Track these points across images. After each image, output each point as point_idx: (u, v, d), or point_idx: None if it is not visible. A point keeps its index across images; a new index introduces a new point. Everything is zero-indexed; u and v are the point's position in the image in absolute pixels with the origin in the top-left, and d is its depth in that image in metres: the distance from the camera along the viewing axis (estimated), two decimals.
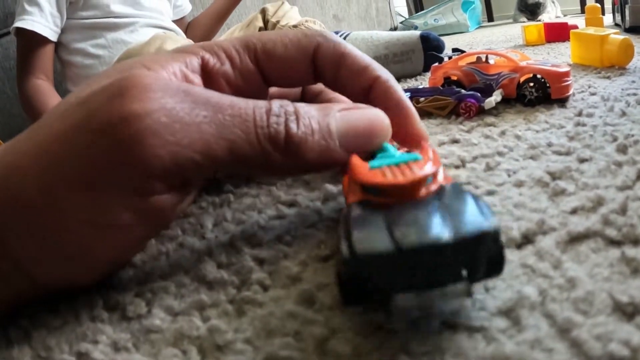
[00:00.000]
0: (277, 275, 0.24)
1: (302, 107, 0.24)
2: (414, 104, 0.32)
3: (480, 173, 0.35)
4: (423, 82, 0.77)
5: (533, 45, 1.22)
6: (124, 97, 0.21)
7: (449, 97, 0.50)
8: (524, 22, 2.61)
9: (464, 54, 0.59)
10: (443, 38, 2.22)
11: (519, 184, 0.32)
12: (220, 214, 0.33)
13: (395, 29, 2.71)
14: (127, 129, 0.20)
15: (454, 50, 0.65)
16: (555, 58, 0.93)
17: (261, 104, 0.23)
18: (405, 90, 0.53)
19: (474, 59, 0.58)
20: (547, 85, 0.51)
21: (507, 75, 0.53)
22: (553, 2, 2.77)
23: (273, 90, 0.33)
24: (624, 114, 0.45)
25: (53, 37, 1.12)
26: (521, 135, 0.41)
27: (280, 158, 0.23)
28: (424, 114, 0.53)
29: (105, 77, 0.25)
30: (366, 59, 0.29)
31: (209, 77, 0.28)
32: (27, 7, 1.09)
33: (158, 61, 0.25)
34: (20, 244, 0.21)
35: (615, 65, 0.74)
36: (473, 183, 0.33)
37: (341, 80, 0.29)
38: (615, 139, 0.38)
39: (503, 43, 1.41)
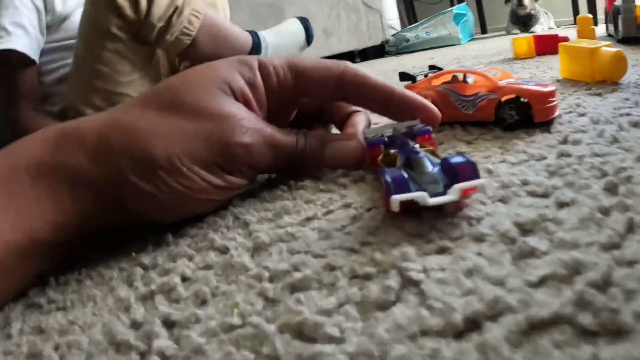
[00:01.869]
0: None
1: (312, 136, 0.40)
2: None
3: (437, 222, 0.29)
4: None
5: (522, 59, 1.17)
6: (239, 134, 0.35)
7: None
8: (516, 34, 2.57)
9: (438, 72, 0.54)
10: (434, 51, 2.19)
11: (480, 239, 0.26)
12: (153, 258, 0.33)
13: (386, 42, 2.67)
14: (241, 152, 0.36)
15: (431, 67, 0.59)
16: (544, 72, 0.88)
17: (293, 139, 0.39)
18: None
19: (449, 77, 0.52)
20: (529, 107, 0.45)
21: (484, 96, 0.47)
22: (546, 14, 2.75)
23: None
24: (615, 140, 0.39)
25: (37, 60, 1.13)
26: (493, 170, 0.35)
27: (291, 168, 0.40)
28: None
29: (201, 84, 0.36)
30: (381, 79, 0.40)
31: (262, 86, 0.39)
32: (10, 28, 1.06)
33: (232, 79, 0.37)
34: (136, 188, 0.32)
35: (607, 80, 0.69)
36: (425, 236, 0.27)
37: (364, 96, 0.40)
38: (604, 174, 0.32)
39: (492, 56, 1.36)
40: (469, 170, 0.28)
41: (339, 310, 0.22)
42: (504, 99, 0.46)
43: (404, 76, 0.55)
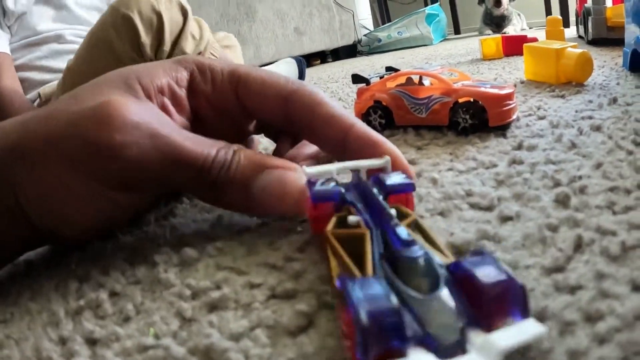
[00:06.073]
0: None
1: (243, 155, 0.29)
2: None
3: None
4: None
5: (490, 60, 1.15)
6: (108, 127, 0.26)
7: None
8: (489, 34, 2.57)
9: (393, 74, 0.51)
10: (406, 51, 2.17)
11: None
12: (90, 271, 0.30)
13: (359, 42, 2.65)
14: (108, 153, 0.26)
15: (388, 69, 0.56)
16: (510, 74, 0.86)
17: (212, 151, 0.28)
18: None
19: (404, 80, 0.50)
20: (484, 110, 0.43)
21: (438, 99, 0.45)
22: (519, 15, 2.75)
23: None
24: (573, 145, 0.37)
25: (8, 51, 1.14)
26: (438, 180, 0.33)
27: (209, 193, 0.29)
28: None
29: (99, 88, 0.30)
30: (339, 109, 0.31)
31: (193, 92, 0.33)
32: None
33: (149, 76, 0.31)
34: (23, 188, 0.27)
35: (572, 82, 0.67)
36: None
37: (315, 128, 0.31)
38: (557, 184, 0.30)
39: (462, 57, 1.34)
40: (513, 297, 0.16)
41: (249, 335, 0.21)
42: (460, 101, 0.44)
43: (357, 78, 0.52)
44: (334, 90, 1.05)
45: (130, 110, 0.27)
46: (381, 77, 0.53)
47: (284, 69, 1.36)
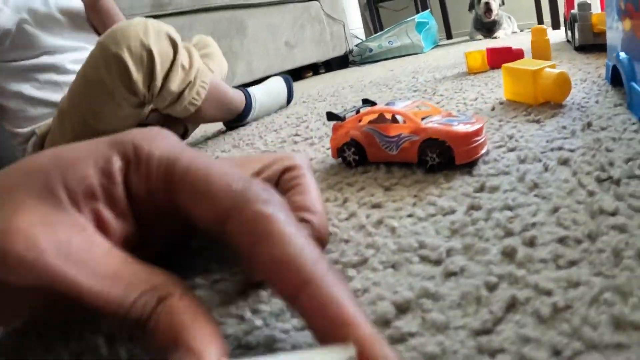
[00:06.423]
0: None
1: (166, 311, 0.23)
2: None
3: None
4: None
5: (475, 73, 1.17)
6: (1, 264, 0.23)
7: None
8: (480, 39, 2.59)
9: (367, 110, 0.53)
10: (395, 61, 2.19)
11: None
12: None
13: (350, 52, 2.67)
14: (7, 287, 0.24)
15: (364, 101, 0.58)
16: (492, 91, 0.88)
17: (131, 295, 0.23)
18: None
19: (376, 115, 0.51)
20: (451, 148, 0.44)
21: (407, 137, 0.46)
22: (509, 18, 2.76)
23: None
24: (535, 185, 0.38)
25: None
26: (396, 228, 0.35)
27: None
28: None
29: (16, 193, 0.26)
30: (294, 247, 0.22)
31: (126, 181, 0.28)
32: None
33: (77, 176, 0.27)
34: None
35: (551, 101, 0.68)
36: None
37: (258, 268, 0.23)
38: (508, 234, 0.31)
39: (449, 69, 1.36)
40: None
41: None
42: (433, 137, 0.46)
43: (331, 116, 0.53)
44: (320, 112, 1.06)
45: (28, 245, 0.23)
46: (357, 112, 0.54)
47: (278, 83, 1.37)
